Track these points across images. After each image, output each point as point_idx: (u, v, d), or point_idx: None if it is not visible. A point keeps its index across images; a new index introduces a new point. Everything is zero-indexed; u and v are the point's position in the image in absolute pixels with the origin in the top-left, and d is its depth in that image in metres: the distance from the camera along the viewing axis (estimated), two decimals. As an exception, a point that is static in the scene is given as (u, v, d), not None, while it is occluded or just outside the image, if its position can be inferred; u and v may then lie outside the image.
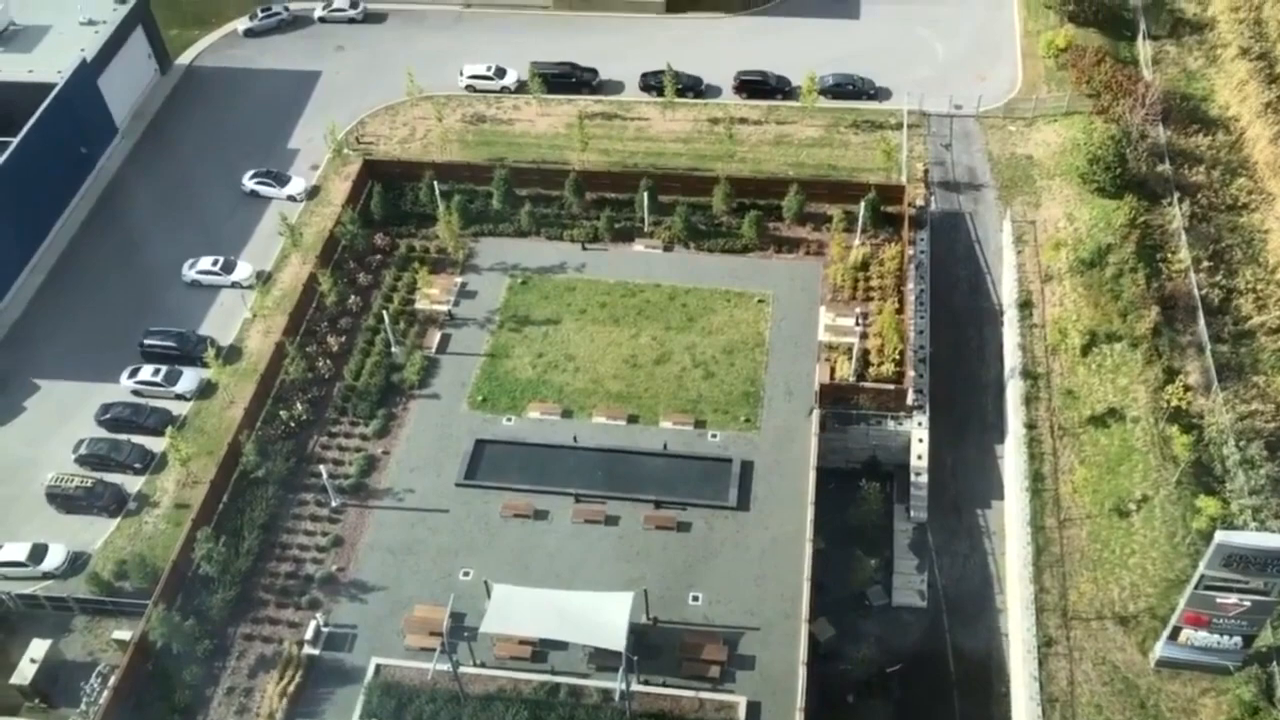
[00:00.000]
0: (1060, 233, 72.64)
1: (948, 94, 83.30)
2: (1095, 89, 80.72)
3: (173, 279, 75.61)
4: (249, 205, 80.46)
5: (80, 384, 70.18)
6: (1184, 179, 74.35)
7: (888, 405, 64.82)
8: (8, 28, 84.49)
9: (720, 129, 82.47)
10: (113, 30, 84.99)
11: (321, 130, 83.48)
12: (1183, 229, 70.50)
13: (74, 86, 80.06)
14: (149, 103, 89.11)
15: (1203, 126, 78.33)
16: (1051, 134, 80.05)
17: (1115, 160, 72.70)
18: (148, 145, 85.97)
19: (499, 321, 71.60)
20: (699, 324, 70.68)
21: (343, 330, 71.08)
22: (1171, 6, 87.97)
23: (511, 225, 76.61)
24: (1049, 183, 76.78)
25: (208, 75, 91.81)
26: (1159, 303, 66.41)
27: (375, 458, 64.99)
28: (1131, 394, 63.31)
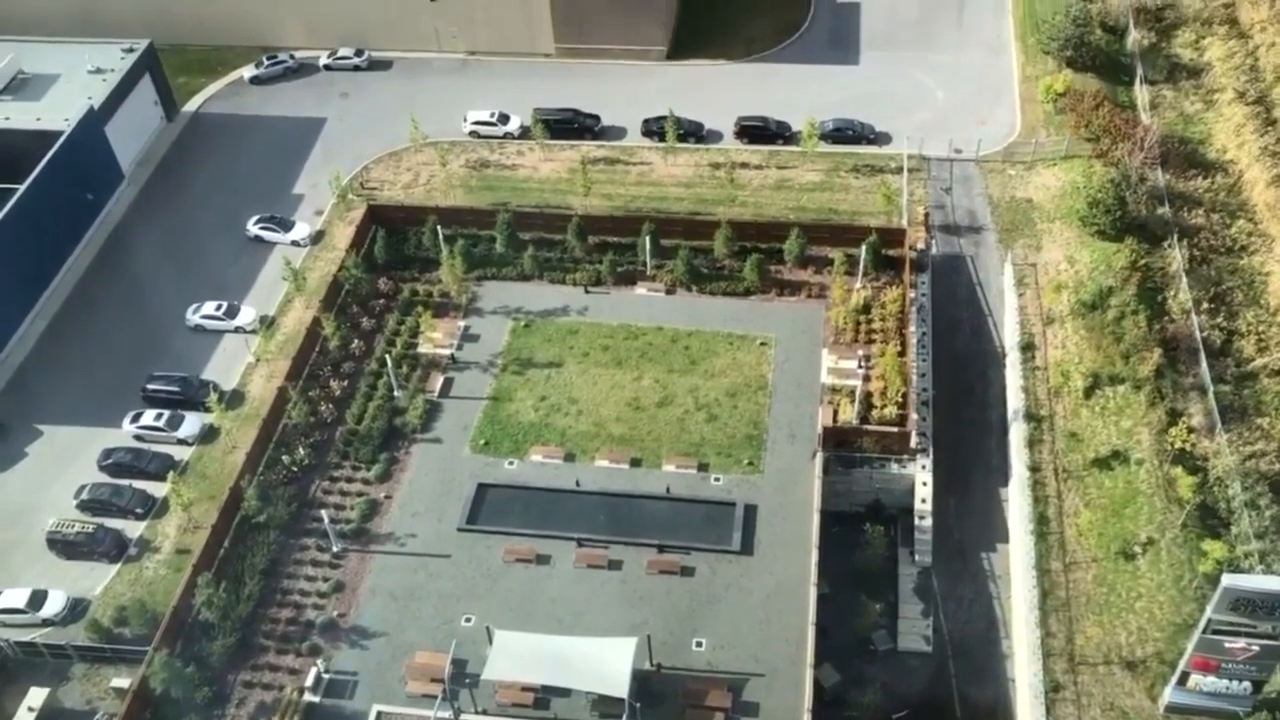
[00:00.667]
0: (1061, 275, 72.87)
1: (947, 138, 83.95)
2: (1094, 133, 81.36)
3: (176, 324, 75.85)
4: (253, 250, 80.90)
5: (83, 429, 70.16)
6: (1183, 221, 74.70)
7: (891, 448, 64.68)
8: (16, 77, 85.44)
9: (721, 173, 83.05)
10: (120, 78, 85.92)
11: (326, 176, 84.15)
12: (1183, 271, 70.72)
13: (81, 134, 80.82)
14: (155, 149, 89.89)
15: (1201, 169, 78.86)
16: (1051, 177, 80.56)
17: (1115, 203, 73.12)
18: (153, 191, 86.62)
19: (502, 365, 71.70)
20: (701, 367, 70.73)
21: (345, 374, 71.16)
22: (1168, 52, 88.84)
23: (514, 269, 76.94)
24: (1049, 226, 77.14)
25: (214, 122, 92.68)
26: (1161, 345, 66.48)
27: (377, 502, 64.80)
28: (1135, 436, 63.17)
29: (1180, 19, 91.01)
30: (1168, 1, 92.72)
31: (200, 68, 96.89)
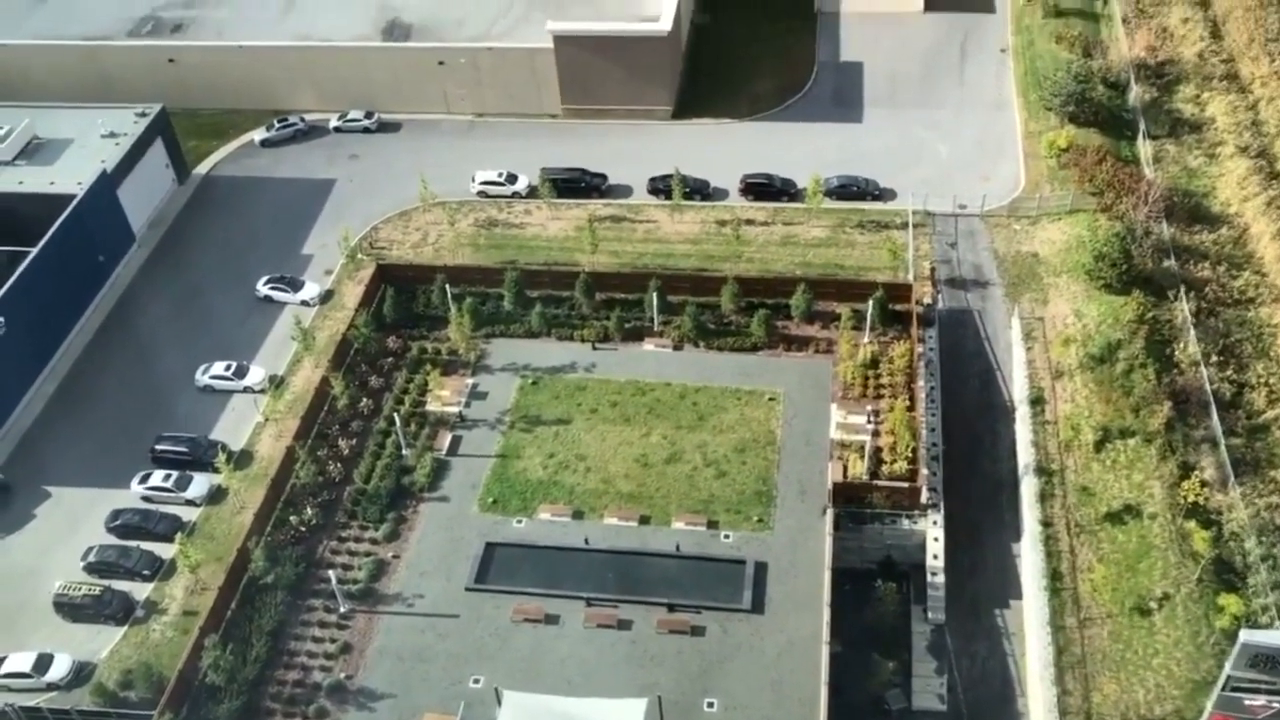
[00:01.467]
0: (1069, 329, 72.86)
1: (952, 194, 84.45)
2: (1098, 187, 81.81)
3: (186, 384, 76.06)
4: (263, 310, 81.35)
5: (91, 490, 70.08)
6: (1190, 274, 74.81)
7: (902, 504, 64.28)
8: (31, 142, 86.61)
9: (727, 230, 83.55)
10: (133, 142, 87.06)
11: (335, 236, 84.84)
12: (1190, 324, 70.67)
13: (93, 197, 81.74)
14: (166, 212, 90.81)
15: (1205, 223, 79.12)
16: (1056, 232, 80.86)
17: (1120, 257, 73.31)
18: (164, 253, 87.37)
19: (510, 422, 71.65)
20: (710, 423, 70.60)
21: (354, 433, 71.17)
22: (1169, 107, 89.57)
23: (522, 326, 77.23)
24: (1056, 280, 77.28)
25: (224, 184, 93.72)
26: (1170, 398, 66.25)
27: (385, 562, 64.46)
28: (1147, 490, 62.72)
29: (1181, 74, 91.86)
30: (1168, 57, 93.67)
31: (212, 131, 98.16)
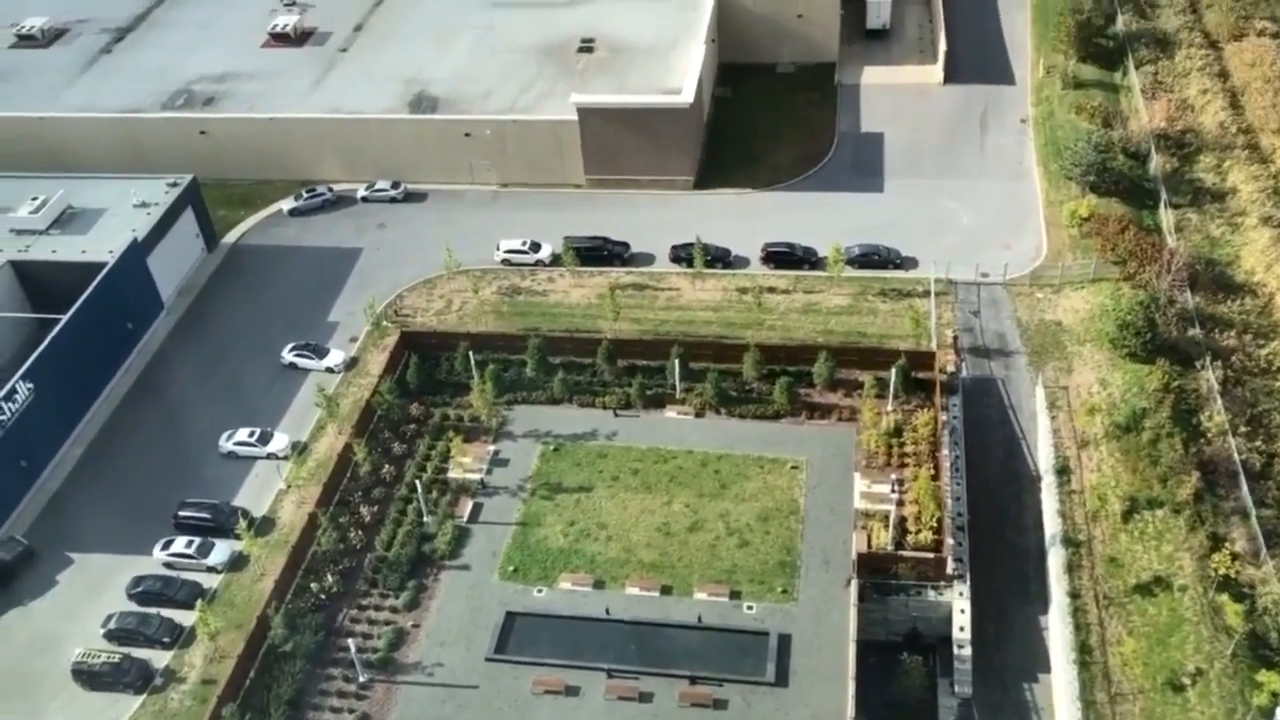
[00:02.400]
0: (1094, 398, 72.38)
1: (974, 262, 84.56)
2: (1120, 256, 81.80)
3: (210, 451, 76.43)
4: (288, 377, 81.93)
5: (113, 556, 70.18)
6: (1215, 343, 74.38)
7: (927, 574, 63.48)
8: (65, 211, 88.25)
9: (749, 298, 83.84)
10: (163, 212, 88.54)
11: (361, 304, 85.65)
12: (1217, 393, 70.10)
13: (124, 266, 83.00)
14: (195, 279, 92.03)
15: (1230, 291, 78.86)
16: (1079, 300, 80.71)
17: (1145, 325, 73.00)
18: (192, 320, 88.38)
19: (531, 489, 71.50)
20: (732, 491, 70.21)
21: (376, 500, 71.17)
22: (1190, 176, 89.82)
23: (545, 393, 77.42)
24: (1079, 348, 76.97)
25: (252, 253, 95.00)
26: (1199, 468, 65.48)
27: (405, 631, 64.01)
28: (1177, 561, 61.75)
29: (1201, 144, 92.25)
30: (1188, 127, 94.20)
31: (241, 201, 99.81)
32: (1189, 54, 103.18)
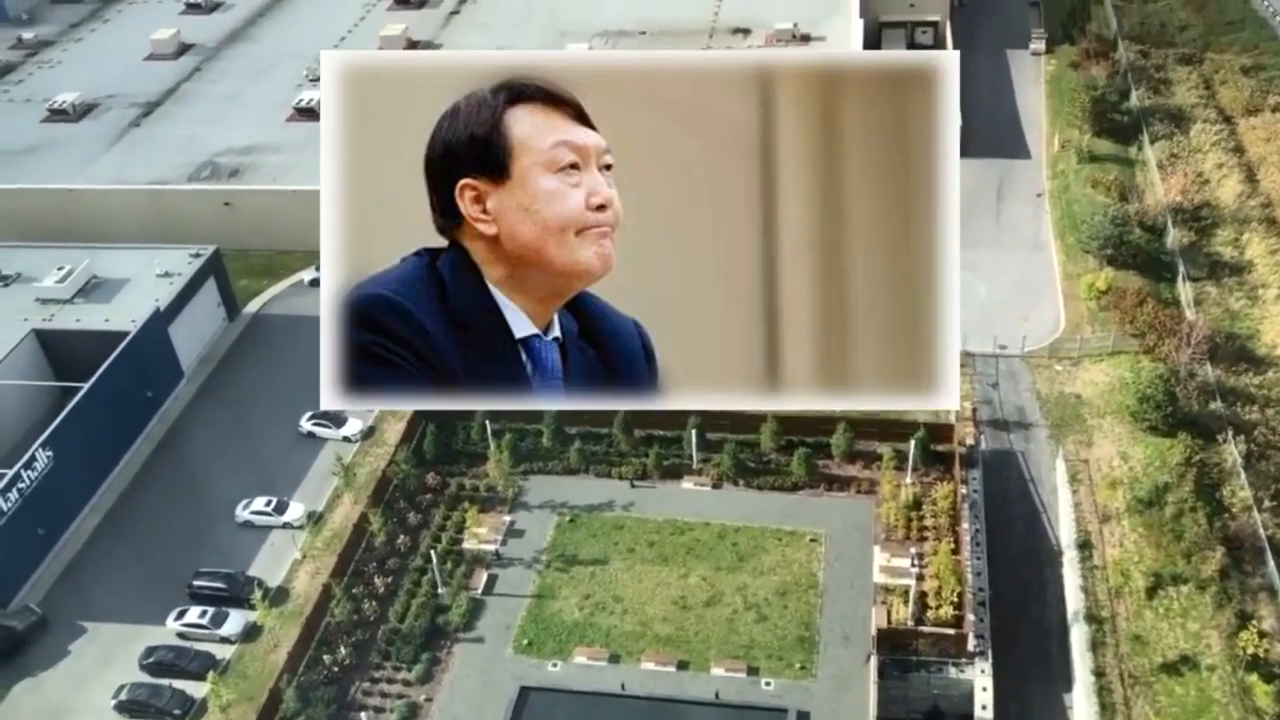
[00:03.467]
0: (1115, 471, 71.71)
1: (992, 334, 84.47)
2: (1139, 329, 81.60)
3: (226, 520, 76.33)
4: (306, 446, 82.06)
5: (126, 626, 69.79)
6: (1237, 417, 73.80)
7: (948, 651, 62.43)
8: (89, 281, 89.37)
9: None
10: (186, 282, 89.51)
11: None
12: (1241, 467, 69.36)
13: (145, 335, 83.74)
14: (216, 349, 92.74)
15: (1251, 365, 78.45)
16: (1099, 373, 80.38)
17: (1165, 399, 72.55)
18: (211, 389, 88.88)
19: (546, 561, 70.99)
20: (750, 564, 69.53)
21: (390, 571, 70.76)
22: (1208, 250, 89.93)
23: (561, 463, 77.23)
24: (1100, 421, 76.46)
25: (273, 322, 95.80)
26: (1223, 543, 64.61)
27: (417, 705, 63.16)
28: (1204, 640, 60.58)
29: (1218, 218, 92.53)
30: (1205, 201, 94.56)
31: (263, 271, 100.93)
32: (1204, 129, 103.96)
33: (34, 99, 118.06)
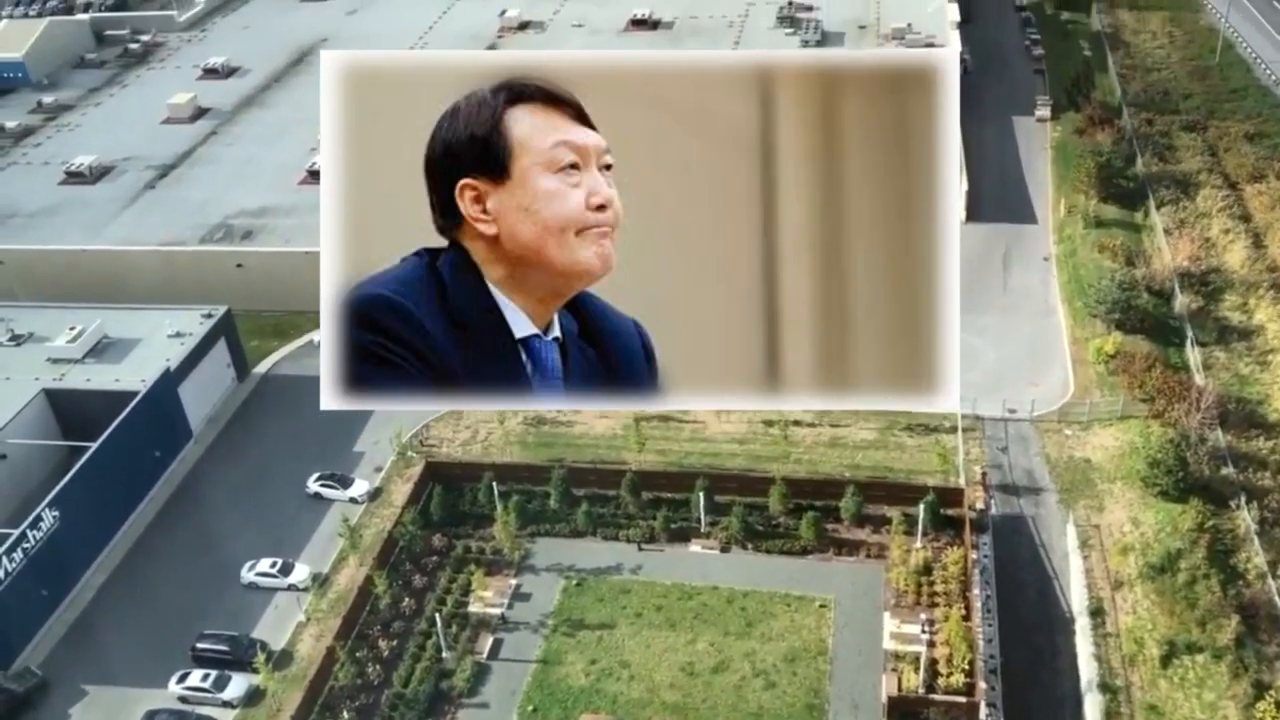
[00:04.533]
0: (1126, 537, 71.09)
1: (1001, 398, 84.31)
2: (1148, 394, 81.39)
3: (232, 581, 75.89)
4: (312, 507, 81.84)
5: (128, 689, 69.05)
6: (1250, 483, 73.28)
7: (959, 720, 61.51)
8: (101, 341, 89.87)
9: (775, 431, 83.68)
10: (197, 342, 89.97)
11: (387, 434, 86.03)
12: (1254, 534, 68.70)
13: (155, 395, 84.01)
14: (225, 409, 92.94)
15: (1262, 430, 78.06)
16: (1109, 438, 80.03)
17: (1176, 464, 72.12)
18: (219, 449, 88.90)
19: (552, 625, 70.31)
20: (758, 630, 68.78)
21: (395, 634, 70.11)
22: (1216, 315, 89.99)
23: (568, 525, 76.83)
24: (1110, 486, 75.97)
25: (282, 383, 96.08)
26: (1238, 611, 63.79)
27: (421, 772, 62.25)
28: (1221, 710, 59.58)
29: (1226, 283, 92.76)
30: (1212, 266, 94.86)
31: (273, 331, 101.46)
32: (1210, 195, 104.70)
33: (52, 162, 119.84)
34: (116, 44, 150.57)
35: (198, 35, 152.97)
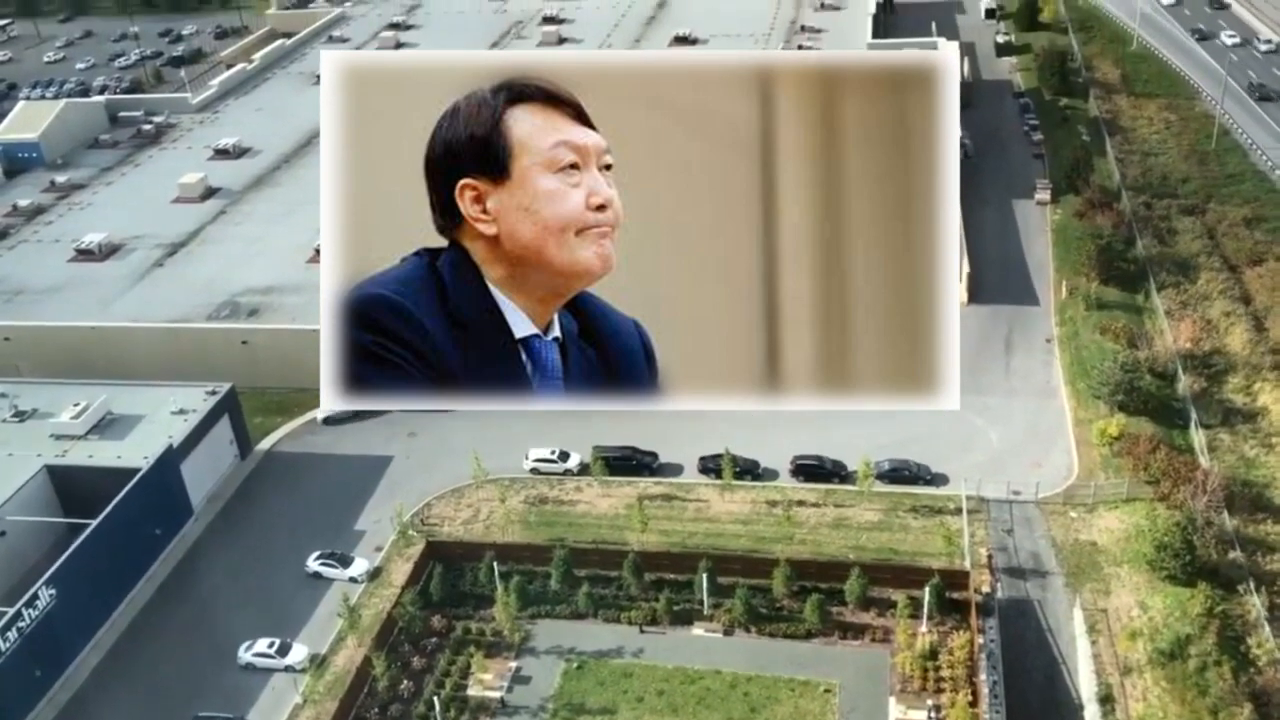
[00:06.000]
0: (1135, 622, 70.21)
1: (1005, 480, 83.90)
2: (1153, 476, 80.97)
3: (229, 661, 74.90)
4: (312, 586, 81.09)
5: (120, 772, 67.92)
6: (1258, 567, 72.57)
7: (968, 810, 60.11)
8: (105, 417, 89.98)
9: (779, 511, 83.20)
10: (200, 419, 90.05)
11: (388, 513, 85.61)
12: (1265, 620, 67.84)
13: (156, 472, 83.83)
14: (226, 486, 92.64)
15: (1270, 514, 77.52)
16: (1114, 520, 79.48)
17: (1183, 547, 71.48)
18: (220, 527, 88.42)
19: (552, 710, 69.17)
20: (762, 715, 67.61)
21: (393, 717, 68.95)
22: (1220, 397, 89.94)
23: (569, 606, 76.01)
24: (1117, 569, 75.23)
25: (285, 460, 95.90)
26: (1250, 699, 62.73)
27: None
28: (1235, 802, 58.24)
29: (1229, 365, 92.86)
30: (1214, 348, 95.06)
31: (278, 408, 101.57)
32: (1209, 278, 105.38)
33: (62, 240, 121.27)
34: (130, 125, 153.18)
35: (210, 116, 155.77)
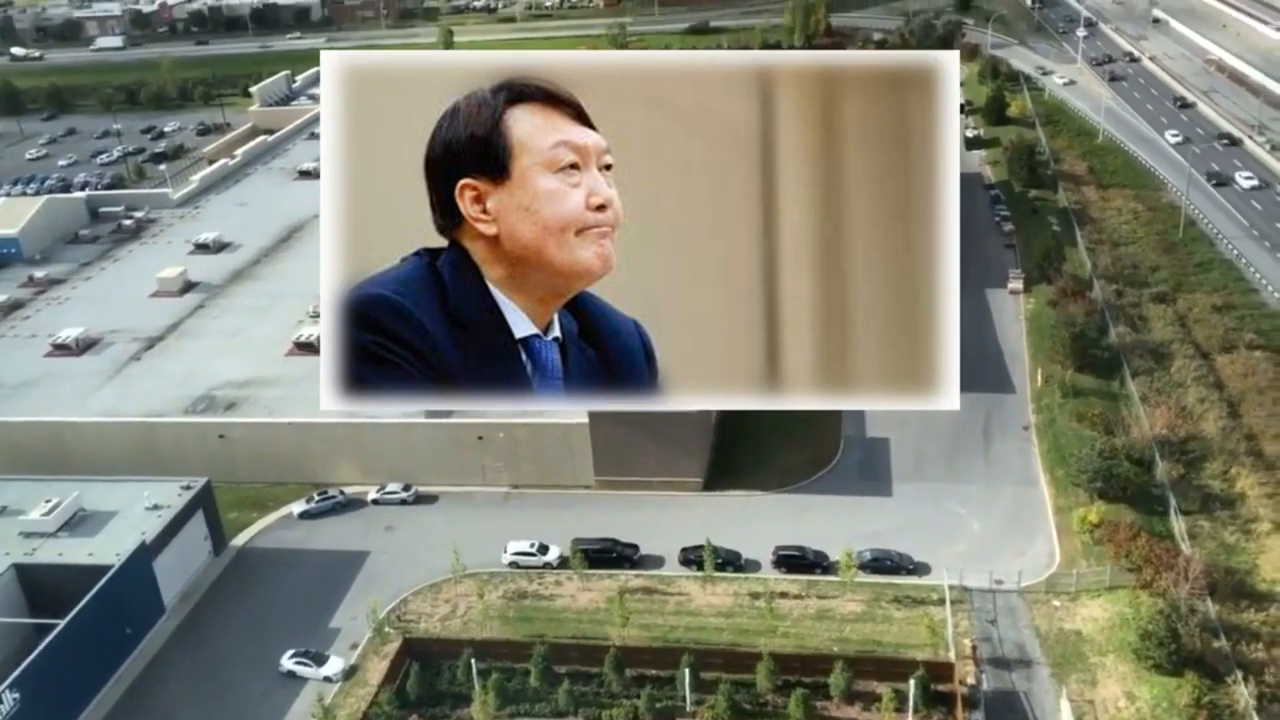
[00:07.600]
0: (1123, 713, 69.39)
1: (987, 569, 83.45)
2: (1135, 563, 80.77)
3: (197, 766, 72.84)
4: (285, 686, 79.18)
5: None
6: (1243, 655, 72.07)
7: None
8: (76, 514, 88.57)
9: (761, 603, 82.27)
10: (174, 515, 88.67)
11: (364, 609, 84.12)
12: (1253, 710, 67.12)
13: (128, 570, 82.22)
14: (200, 583, 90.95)
15: (1253, 601, 77.29)
16: (1098, 609, 78.98)
17: (1168, 636, 70.99)
18: (192, 625, 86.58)
19: (533, 813, 67.32)
20: (746, 816, 65.95)
21: (367, 823, 66.92)
22: (1198, 483, 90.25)
23: (549, 705, 74.42)
24: (1102, 659, 74.55)
25: (259, 556, 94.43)
26: (1243, 792, 61.72)
27: None
28: None
29: (1206, 451, 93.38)
30: (1190, 434, 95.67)
31: (253, 503, 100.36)
32: (1182, 364, 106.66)
33: (39, 334, 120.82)
34: (111, 220, 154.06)
35: (191, 211, 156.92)
